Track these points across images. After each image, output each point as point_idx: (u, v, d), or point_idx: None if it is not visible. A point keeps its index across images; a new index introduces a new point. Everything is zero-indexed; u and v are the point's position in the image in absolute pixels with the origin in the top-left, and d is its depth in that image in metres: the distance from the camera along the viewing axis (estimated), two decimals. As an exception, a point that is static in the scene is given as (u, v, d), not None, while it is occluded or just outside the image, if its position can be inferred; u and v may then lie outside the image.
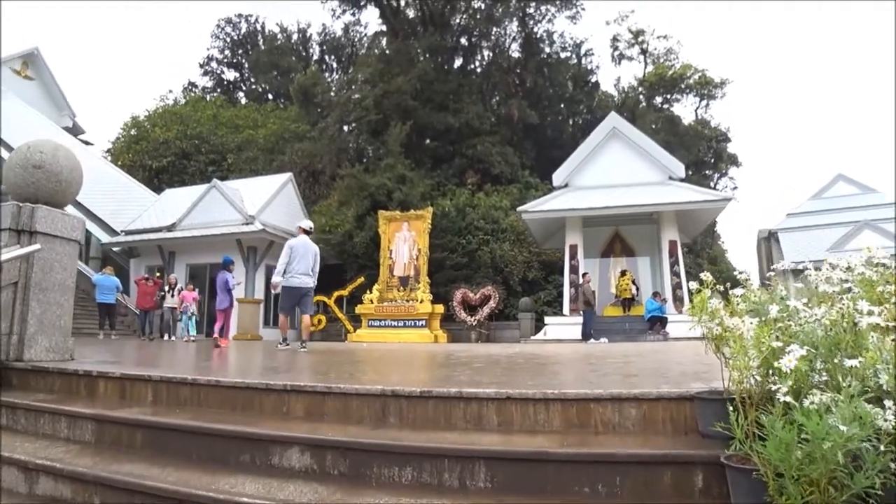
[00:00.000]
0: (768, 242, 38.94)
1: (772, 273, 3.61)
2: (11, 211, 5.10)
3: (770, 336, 2.43)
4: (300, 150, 31.15)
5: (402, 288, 21.79)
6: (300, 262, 9.16)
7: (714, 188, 38.08)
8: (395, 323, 20.94)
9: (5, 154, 23.48)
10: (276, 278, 9.12)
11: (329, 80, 42.53)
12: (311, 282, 9.33)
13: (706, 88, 36.40)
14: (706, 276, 2.97)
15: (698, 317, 2.83)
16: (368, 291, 21.76)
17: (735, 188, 40.68)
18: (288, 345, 9.59)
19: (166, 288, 17.24)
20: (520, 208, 19.87)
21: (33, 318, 5.15)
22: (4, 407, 4.20)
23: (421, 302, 20.84)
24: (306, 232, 9.64)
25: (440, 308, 21.05)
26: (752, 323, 2.54)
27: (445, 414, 3.14)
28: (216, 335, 11.42)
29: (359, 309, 21.57)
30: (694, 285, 2.99)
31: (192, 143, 34.87)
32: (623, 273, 20.38)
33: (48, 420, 3.95)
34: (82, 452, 3.57)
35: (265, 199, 23.31)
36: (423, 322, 20.66)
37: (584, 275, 17.96)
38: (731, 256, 46.87)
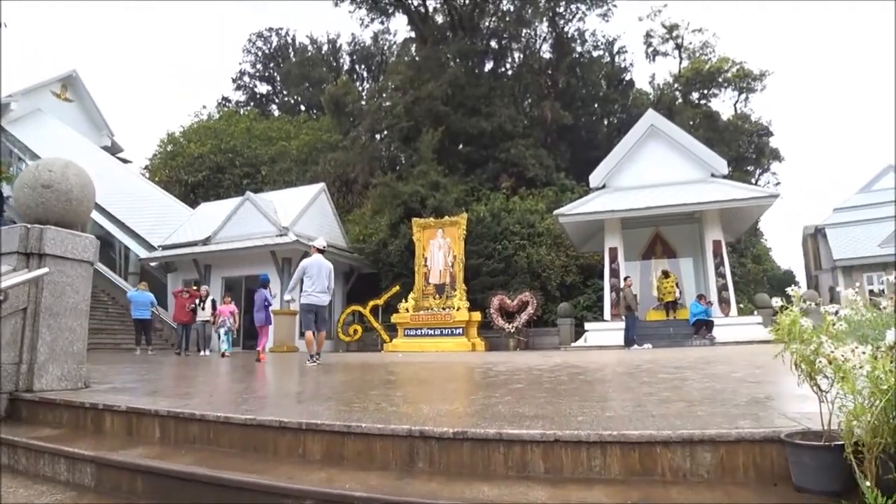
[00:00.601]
0: (815, 239, 37.50)
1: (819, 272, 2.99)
2: (19, 233, 4.82)
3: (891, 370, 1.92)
4: (333, 160, 31.08)
5: (437, 296, 21.39)
6: (315, 282, 9.52)
7: (756, 184, 36.83)
8: (432, 331, 20.53)
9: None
10: (287, 295, 10.00)
11: (360, 88, 42.52)
12: (326, 299, 9.69)
13: (745, 81, 35.20)
14: (793, 290, 2.46)
15: (787, 342, 2.31)
16: (404, 300, 21.41)
17: (778, 184, 39.33)
18: (315, 361, 9.60)
19: (197, 301, 16.94)
20: (556, 211, 19.29)
21: (44, 346, 4.86)
22: (5, 445, 3.88)
23: (457, 310, 20.40)
24: (320, 251, 10.05)
25: (477, 315, 20.57)
26: (863, 353, 2.02)
27: (483, 459, 2.68)
28: (259, 349, 12.66)
29: (394, 318, 21.23)
30: (777, 301, 2.48)
31: (227, 156, 35.15)
32: (665, 274, 19.59)
33: (48, 461, 3.61)
34: (81, 498, 3.22)
35: (298, 210, 23.21)
36: (461, 330, 20.21)
37: (625, 279, 17.31)
38: (775, 254, 45.42)
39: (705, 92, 35.72)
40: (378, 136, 32.01)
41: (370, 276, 24.73)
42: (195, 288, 18.73)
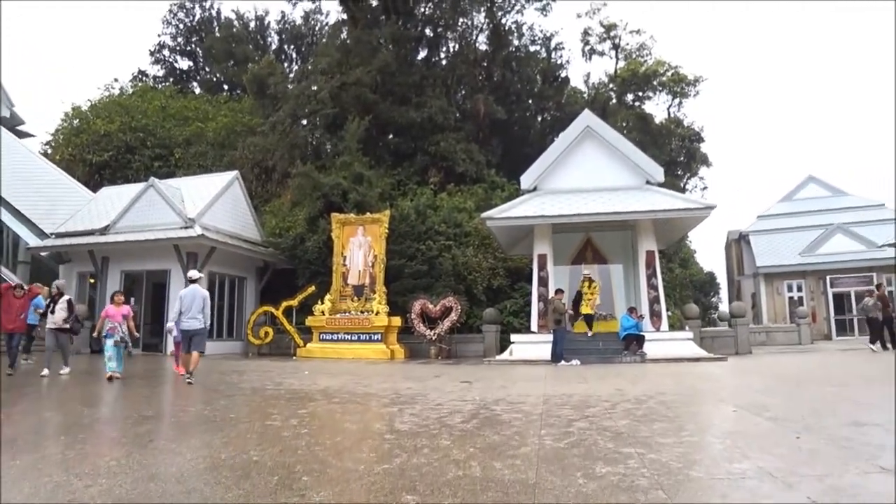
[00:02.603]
0: (739, 244, 38.18)
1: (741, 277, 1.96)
2: None
3: None
4: (252, 145, 29.14)
5: (356, 298, 20.09)
6: (188, 310, 10.46)
7: (684, 188, 37.07)
8: (349, 336, 19.28)
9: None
10: (169, 324, 11.22)
11: (288, 70, 40.35)
12: (197, 324, 10.49)
13: (679, 86, 35.18)
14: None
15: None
16: (320, 301, 19.99)
17: (705, 188, 39.84)
18: (188, 380, 10.11)
19: (42, 301, 12.81)
20: (484, 215, 18.20)
21: None
22: None
23: (377, 314, 19.19)
24: (193, 281, 11.03)
25: (397, 321, 19.42)
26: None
27: None
28: (182, 365, 11.68)
29: (309, 321, 19.83)
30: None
31: (137, 136, 32.53)
32: (589, 282, 18.40)
33: None
34: None
35: (207, 199, 21.33)
36: (379, 336, 19.05)
37: (557, 291, 16.43)
38: (698, 257, 46.18)
39: (640, 94, 35.51)
40: (303, 122, 30.19)
41: (286, 273, 23.12)
42: (36, 285, 14.27)
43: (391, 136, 29.52)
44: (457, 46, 35.02)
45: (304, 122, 29.77)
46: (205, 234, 19.36)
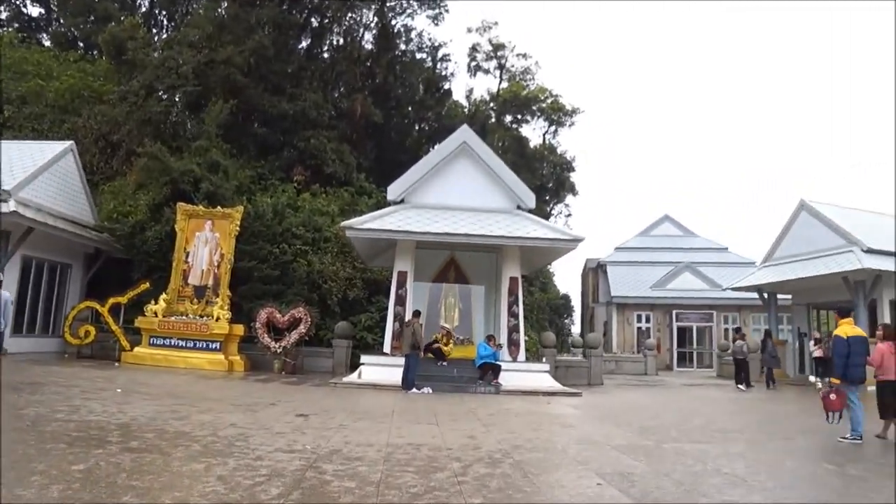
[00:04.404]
0: (596, 273, 39.72)
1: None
2: None
3: None
4: (99, 114, 26.00)
5: (196, 300, 18.24)
6: None
7: (550, 213, 38.03)
8: (184, 343, 17.45)
9: None
10: None
11: (155, 38, 36.78)
12: None
13: (557, 114, 36.05)
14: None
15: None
16: (154, 301, 17.91)
17: (570, 215, 41.21)
18: None
19: None
20: (343, 224, 17.04)
21: None
22: None
23: (217, 320, 17.51)
24: None
25: (240, 329, 17.84)
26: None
27: None
28: None
29: (139, 322, 17.71)
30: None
31: (-43, 83, 28.07)
32: (448, 336, 17.56)
33: None
34: None
35: (32, 170, 18.50)
36: (218, 345, 17.41)
37: (415, 313, 15.65)
38: (557, 279, 47.70)
39: (519, 116, 35.99)
40: (161, 97, 27.39)
41: (121, 264, 20.61)
42: None
43: (258, 126, 27.53)
44: (341, 42, 33.66)
45: (164, 96, 27.04)
46: (18, 212, 16.66)
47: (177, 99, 26.78)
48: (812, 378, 11.29)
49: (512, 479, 5.93)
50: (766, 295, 25.08)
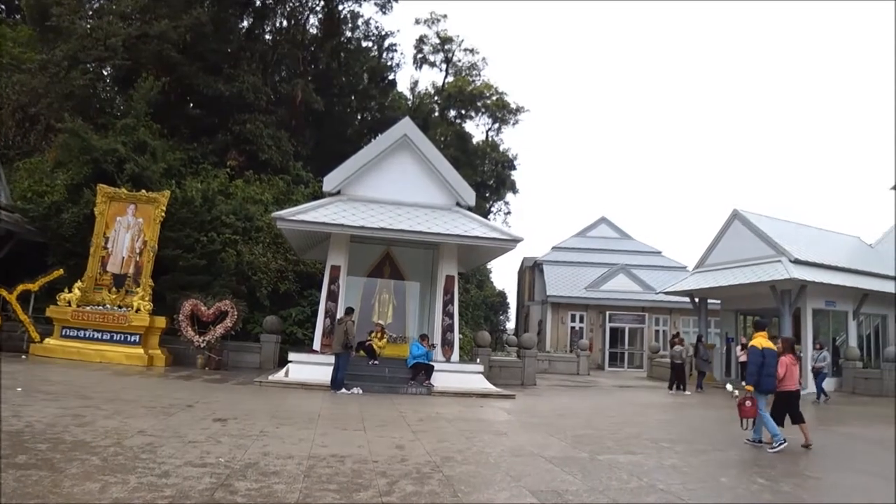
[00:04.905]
0: (532, 271, 39.98)
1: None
2: None
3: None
4: (17, 84, 24.28)
5: (115, 289, 17.20)
6: None
7: (490, 210, 38.01)
8: (100, 335, 16.44)
9: None
10: None
11: (87, 6, 34.65)
12: None
13: (502, 112, 35.95)
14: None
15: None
16: (68, 289, 16.77)
17: (509, 213, 41.29)
18: None
19: None
20: (275, 214, 16.29)
21: None
22: None
23: (137, 311, 16.58)
24: None
25: (162, 321, 16.91)
26: None
27: None
28: None
29: (51, 311, 16.52)
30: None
31: None
32: (381, 332, 17.34)
33: None
34: None
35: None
36: (137, 338, 16.49)
37: (347, 310, 15.16)
38: (494, 276, 47.87)
39: (463, 112, 35.75)
40: (89, 69, 25.74)
41: (36, 248, 19.21)
42: None
43: (192, 107, 26.30)
44: (285, 24, 32.57)
45: (90, 69, 25.41)
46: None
47: (105, 73, 25.26)
48: (728, 387, 11.58)
49: (441, 498, 5.62)
50: (697, 300, 25.67)
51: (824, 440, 10.26)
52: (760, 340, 9.44)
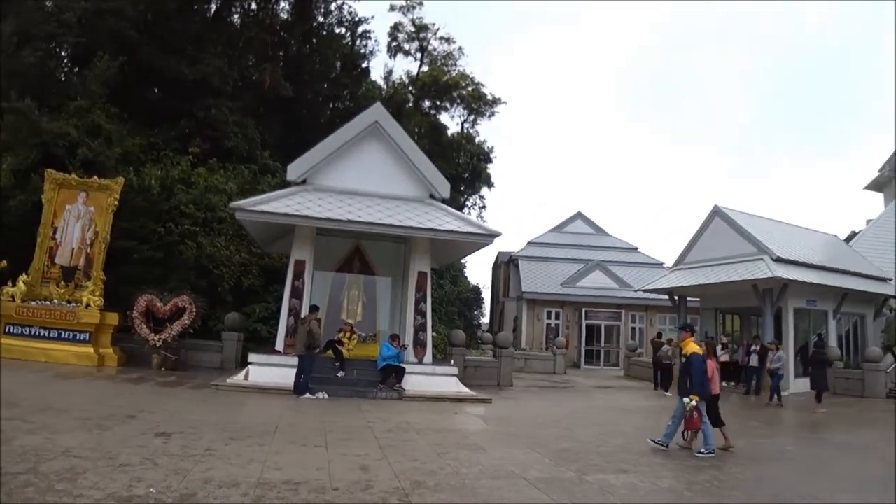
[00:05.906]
0: (508, 267, 39.30)
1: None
2: None
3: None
4: (-40, 61, 22.68)
5: (63, 283, 16.03)
6: None
7: (464, 203, 37.18)
8: (46, 333, 15.30)
9: None
10: None
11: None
12: None
13: (477, 103, 35.09)
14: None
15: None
16: (11, 283, 15.55)
17: (483, 207, 40.49)
18: None
19: None
20: (234, 204, 15.18)
21: None
22: None
23: (87, 306, 15.49)
24: None
25: (114, 318, 15.80)
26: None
27: None
28: None
29: (-8, 306, 15.31)
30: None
31: None
32: (350, 332, 16.44)
33: None
34: None
35: None
36: (87, 336, 15.40)
37: (311, 308, 14.23)
38: (468, 271, 47.13)
39: (438, 103, 34.83)
40: (40, 47, 24.17)
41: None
42: None
43: (154, 90, 24.94)
44: (254, 6, 31.22)
45: (41, 46, 23.85)
46: None
47: (57, 51, 23.78)
48: (668, 393, 11.10)
49: None
50: (676, 298, 25.16)
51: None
52: (695, 346, 9.36)
